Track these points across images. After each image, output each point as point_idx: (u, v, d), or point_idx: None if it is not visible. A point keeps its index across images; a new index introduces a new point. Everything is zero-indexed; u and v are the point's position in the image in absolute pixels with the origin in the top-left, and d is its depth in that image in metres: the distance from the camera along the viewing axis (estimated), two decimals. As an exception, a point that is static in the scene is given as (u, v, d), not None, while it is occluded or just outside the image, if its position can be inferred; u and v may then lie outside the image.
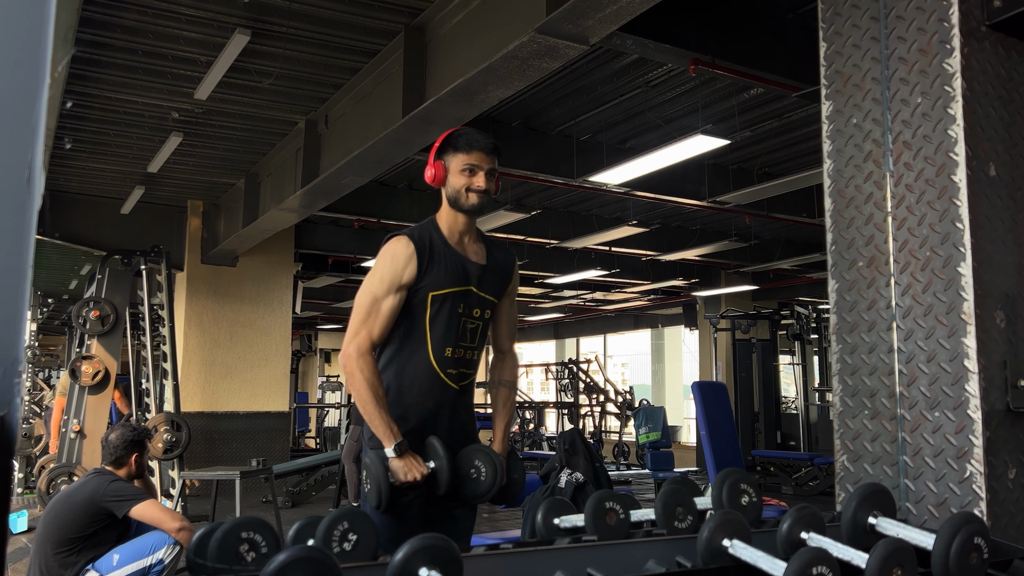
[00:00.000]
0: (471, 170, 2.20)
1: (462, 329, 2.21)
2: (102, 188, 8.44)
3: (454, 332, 2.19)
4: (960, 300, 1.72)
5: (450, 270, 2.20)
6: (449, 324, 2.19)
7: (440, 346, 2.18)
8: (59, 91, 5.39)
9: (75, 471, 6.38)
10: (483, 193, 2.21)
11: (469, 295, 2.22)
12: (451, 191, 2.22)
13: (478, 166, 2.20)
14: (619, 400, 14.08)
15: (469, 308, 2.23)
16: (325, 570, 1.07)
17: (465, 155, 2.20)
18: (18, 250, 0.46)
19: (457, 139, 2.23)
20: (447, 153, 2.24)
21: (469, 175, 2.20)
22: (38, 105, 0.48)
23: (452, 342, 2.19)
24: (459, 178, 2.20)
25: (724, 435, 5.25)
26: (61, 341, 18.15)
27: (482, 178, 2.20)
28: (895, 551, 1.27)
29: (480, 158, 2.21)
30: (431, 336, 2.18)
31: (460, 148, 2.21)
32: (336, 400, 15.37)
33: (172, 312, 7.65)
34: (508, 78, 4.33)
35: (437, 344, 2.18)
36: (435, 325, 2.18)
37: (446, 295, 2.18)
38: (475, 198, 2.21)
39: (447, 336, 2.18)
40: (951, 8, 1.79)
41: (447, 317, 2.18)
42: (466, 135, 2.23)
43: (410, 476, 2.05)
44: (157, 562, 3.28)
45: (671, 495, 1.55)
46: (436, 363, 2.18)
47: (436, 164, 2.24)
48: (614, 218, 9.92)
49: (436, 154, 2.26)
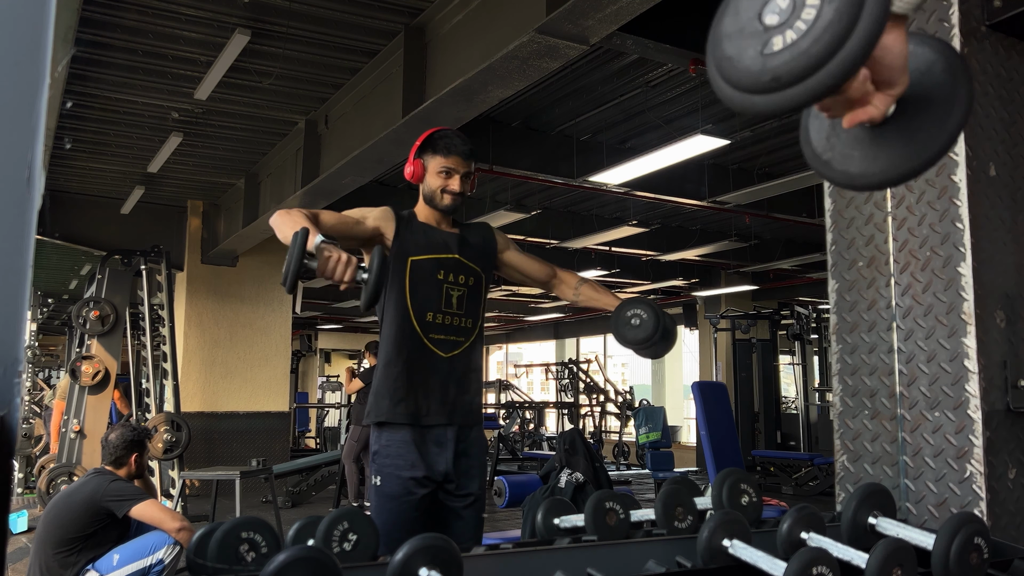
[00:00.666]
0: (448, 172, 2.30)
1: (445, 296, 2.26)
2: (102, 188, 8.44)
3: (436, 298, 2.25)
4: (960, 300, 1.72)
5: (430, 238, 2.29)
6: (430, 289, 2.24)
7: (422, 311, 2.23)
8: (59, 91, 5.39)
9: (75, 471, 6.38)
10: (457, 195, 2.31)
11: (449, 261, 2.29)
12: (427, 190, 2.33)
13: (454, 169, 2.30)
14: (619, 400, 14.09)
15: (451, 274, 2.28)
16: (325, 570, 1.07)
17: (443, 158, 2.30)
18: (18, 250, 0.46)
19: (437, 141, 2.32)
20: (426, 153, 2.33)
21: (445, 177, 2.30)
22: (38, 105, 0.48)
23: (435, 307, 2.24)
24: (436, 179, 2.31)
25: (724, 435, 5.24)
26: (61, 341, 18.14)
27: (457, 181, 2.31)
28: (895, 551, 1.27)
29: (457, 162, 2.30)
30: (411, 300, 2.23)
31: (439, 150, 2.30)
32: (336, 400, 15.39)
33: (172, 312, 7.65)
34: (508, 78, 4.33)
35: (418, 309, 2.23)
36: (415, 289, 2.23)
37: (425, 260, 2.26)
38: (448, 199, 2.31)
39: (429, 301, 2.24)
40: (951, 8, 1.79)
41: (428, 282, 2.25)
42: (445, 138, 2.32)
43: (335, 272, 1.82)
44: (157, 562, 3.28)
45: (671, 495, 1.55)
46: (419, 328, 2.22)
47: (415, 162, 2.34)
48: (614, 218, 9.92)
49: (416, 152, 2.35)
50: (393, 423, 2.20)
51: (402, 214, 2.33)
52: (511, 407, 13.43)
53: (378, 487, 2.20)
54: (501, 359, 24.75)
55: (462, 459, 2.26)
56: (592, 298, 2.48)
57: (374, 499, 2.22)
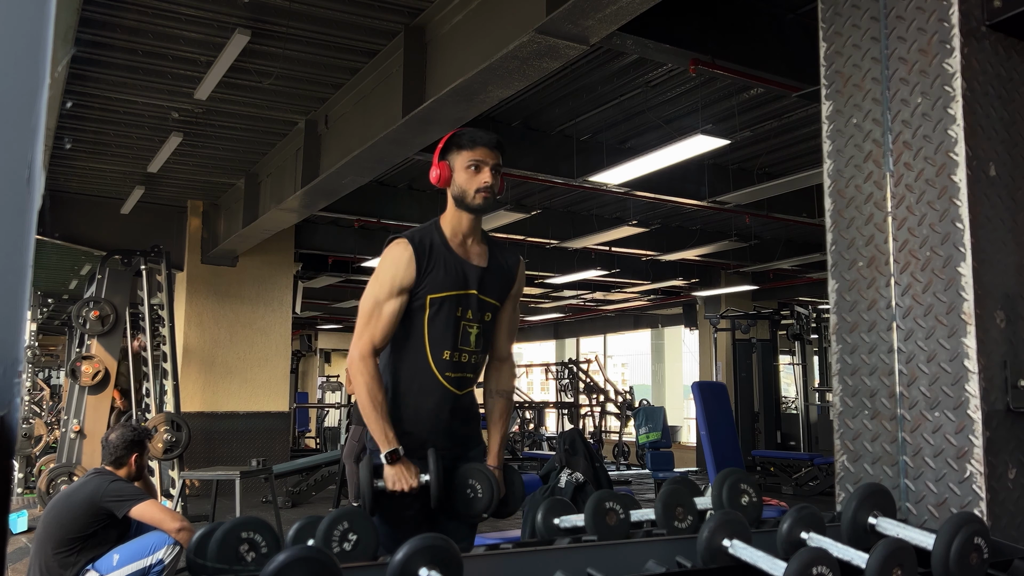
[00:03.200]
0: (476, 166, 2.17)
1: (462, 333, 2.18)
2: (102, 188, 8.44)
3: (453, 335, 2.17)
4: (960, 300, 1.72)
5: (449, 273, 2.17)
6: (447, 327, 2.16)
7: (439, 349, 2.16)
8: (59, 91, 5.39)
9: (75, 471, 6.38)
10: (489, 190, 2.17)
11: (469, 298, 2.19)
12: (457, 190, 2.19)
13: (483, 161, 2.17)
14: (619, 400, 14.08)
15: (469, 311, 2.19)
16: (325, 570, 1.07)
17: (469, 151, 2.18)
18: (18, 250, 0.46)
19: (460, 137, 2.21)
20: (451, 152, 2.21)
21: (475, 171, 2.17)
22: (38, 105, 0.48)
23: (451, 345, 2.17)
24: (465, 176, 2.17)
25: (724, 435, 5.25)
26: (61, 341, 18.14)
27: (488, 173, 2.17)
28: (895, 551, 1.27)
29: (485, 153, 2.18)
30: (429, 339, 2.16)
31: (464, 145, 2.19)
32: (336, 400, 15.38)
33: (172, 312, 7.65)
34: (508, 78, 4.33)
35: (436, 347, 2.16)
36: (433, 328, 2.15)
37: (444, 298, 2.16)
38: (481, 198, 2.17)
39: (445, 339, 2.16)
40: (951, 8, 1.79)
41: (445, 320, 2.16)
42: (469, 132, 2.22)
43: (400, 485, 2.02)
44: (157, 562, 3.28)
45: (671, 495, 1.55)
46: (435, 366, 2.16)
47: (441, 164, 2.22)
48: (614, 218, 9.92)
49: (440, 155, 2.24)
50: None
51: (421, 244, 2.16)
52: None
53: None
54: (501, 359, 24.70)
55: (459, 460, 2.26)
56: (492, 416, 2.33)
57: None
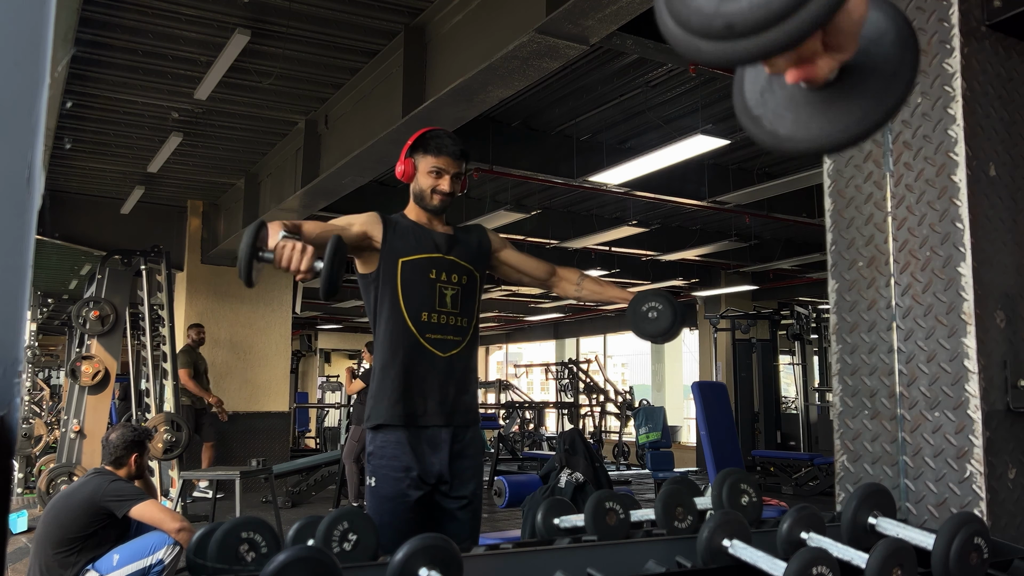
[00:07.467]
0: (438, 172, 2.30)
1: (438, 294, 2.26)
2: (102, 188, 8.44)
3: (430, 297, 2.25)
4: (960, 300, 1.72)
5: (419, 240, 2.29)
6: (422, 288, 2.24)
7: (416, 311, 2.22)
8: (59, 91, 5.39)
9: (75, 471, 6.38)
10: (446, 195, 2.32)
11: (441, 261, 2.29)
12: (417, 189, 2.34)
13: (444, 170, 2.30)
14: (619, 400, 14.08)
15: (444, 273, 2.28)
16: (325, 570, 1.07)
17: (434, 158, 2.30)
18: (18, 250, 0.46)
19: (428, 141, 2.32)
20: (417, 152, 2.33)
21: (435, 177, 2.30)
22: (38, 105, 0.48)
23: (429, 307, 2.24)
24: (426, 179, 2.31)
25: (724, 435, 5.24)
26: (61, 341, 18.13)
27: (447, 182, 2.31)
28: (895, 551, 1.27)
29: (447, 163, 2.30)
30: (405, 301, 2.23)
31: (430, 150, 2.31)
32: (336, 400, 15.38)
33: (172, 312, 7.65)
34: (508, 78, 4.33)
35: (412, 309, 2.23)
36: (408, 290, 2.24)
37: (416, 260, 2.26)
38: (437, 200, 2.31)
39: (422, 301, 2.23)
40: (951, 8, 1.79)
41: (420, 281, 2.25)
42: (437, 138, 2.32)
43: (287, 264, 1.87)
44: (157, 562, 3.28)
45: (671, 495, 1.55)
46: (414, 328, 2.22)
47: (406, 161, 2.34)
48: (614, 218, 9.92)
49: (408, 151, 2.34)
50: (389, 424, 2.20)
51: (390, 217, 2.32)
52: (511, 407, 13.42)
53: (373, 488, 2.21)
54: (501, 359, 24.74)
55: (458, 461, 2.26)
56: (595, 291, 2.48)
57: (370, 500, 2.22)
